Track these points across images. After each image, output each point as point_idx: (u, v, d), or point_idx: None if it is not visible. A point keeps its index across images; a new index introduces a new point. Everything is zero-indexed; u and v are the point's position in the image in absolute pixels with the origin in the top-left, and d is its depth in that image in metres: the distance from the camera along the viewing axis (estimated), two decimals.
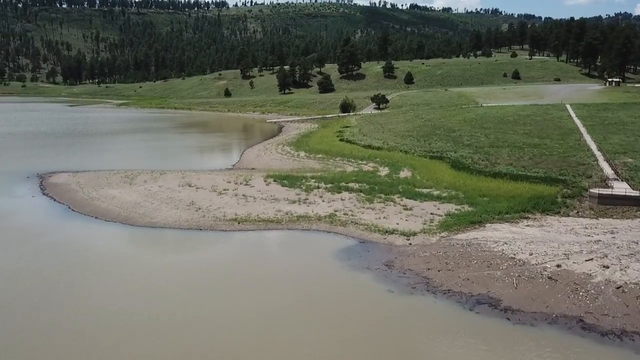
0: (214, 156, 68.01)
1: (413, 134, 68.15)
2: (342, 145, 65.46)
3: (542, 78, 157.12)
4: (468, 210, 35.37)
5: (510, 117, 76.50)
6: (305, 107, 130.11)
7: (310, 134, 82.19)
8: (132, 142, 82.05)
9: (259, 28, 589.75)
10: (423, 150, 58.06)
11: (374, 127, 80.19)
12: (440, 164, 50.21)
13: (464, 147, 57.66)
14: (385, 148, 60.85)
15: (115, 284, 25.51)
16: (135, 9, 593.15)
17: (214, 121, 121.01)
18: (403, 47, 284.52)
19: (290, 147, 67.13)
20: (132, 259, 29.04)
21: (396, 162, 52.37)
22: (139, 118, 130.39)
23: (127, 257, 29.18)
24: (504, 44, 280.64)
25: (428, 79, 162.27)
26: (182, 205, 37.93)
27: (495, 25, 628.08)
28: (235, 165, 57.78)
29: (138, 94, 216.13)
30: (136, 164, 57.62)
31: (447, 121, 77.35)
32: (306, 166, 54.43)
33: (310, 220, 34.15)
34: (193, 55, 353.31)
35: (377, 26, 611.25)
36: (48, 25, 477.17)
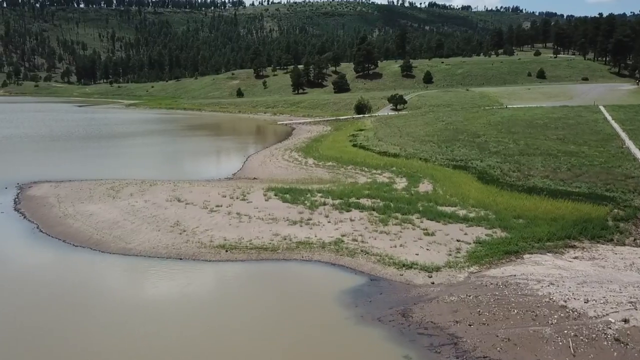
0: (215, 163, 62.84)
1: (433, 139, 62.20)
2: (354, 151, 59.84)
3: (569, 77, 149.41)
4: (501, 237, 29.52)
5: (539, 120, 70.11)
6: (318, 107, 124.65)
7: (321, 137, 76.70)
8: (130, 146, 77.17)
9: (275, 27, 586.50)
10: (445, 158, 52.15)
11: (390, 130, 74.38)
12: (465, 176, 44.28)
13: (491, 155, 51.63)
14: (402, 155, 55.06)
15: (49, 339, 20.25)
16: (152, 8, 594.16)
17: (223, 123, 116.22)
18: (421, 45, 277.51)
19: (298, 154, 61.67)
20: (83, 305, 23.42)
21: (415, 173, 46.57)
22: (145, 119, 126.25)
23: (78, 301, 23.69)
24: (526, 42, 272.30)
25: (448, 79, 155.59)
26: (165, 225, 32.69)
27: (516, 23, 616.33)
28: (236, 174, 52.48)
29: (150, 94, 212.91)
30: (128, 172, 52.72)
31: (470, 124, 71.24)
32: (314, 176, 48.92)
33: (312, 248, 28.62)
34: (208, 54, 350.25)
35: (395, 25, 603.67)
36: (64, 24, 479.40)
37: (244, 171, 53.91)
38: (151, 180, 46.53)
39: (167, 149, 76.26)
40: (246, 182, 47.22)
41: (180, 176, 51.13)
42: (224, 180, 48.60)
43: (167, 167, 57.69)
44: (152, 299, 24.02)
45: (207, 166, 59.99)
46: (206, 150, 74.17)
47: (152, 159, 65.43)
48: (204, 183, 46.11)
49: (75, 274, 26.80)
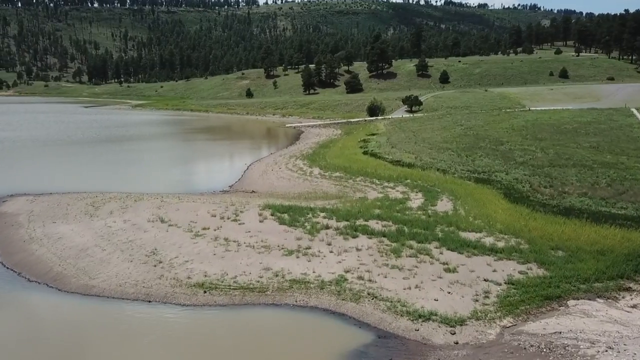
0: (213, 173, 57.58)
1: (452, 146, 56.85)
2: (365, 159, 54.76)
3: (594, 77, 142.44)
4: (538, 275, 24.29)
5: (568, 125, 64.37)
6: (329, 109, 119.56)
7: (330, 143, 71.69)
8: (125, 152, 72.32)
9: (288, 26, 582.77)
10: (466, 169, 46.87)
11: (405, 135, 69.13)
12: (490, 192, 38.97)
13: (517, 165, 46.23)
14: (418, 165, 49.86)
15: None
16: (165, 7, 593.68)
17: (228, 126, 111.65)
18: (437, 44, 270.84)
19: (303, 162, 56.74)
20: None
21: (432, 187, 41.38)
22: (149, 121, 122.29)
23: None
24: (546, 40, 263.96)
25: (465, 78, 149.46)
26: (140, 254, 27.98)
27: (534, 21, 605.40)
28: (234, 186, 47.71)
29: (159, 94, 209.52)
30: (116, 183, 48.46)
31: (491, 129, 65.72)
32: (318, 189, 43.97)
33: (309, 288, 23.67)
34: (220, 53, 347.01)
35: (410, 23, 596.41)
36: (78, 24, 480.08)
37: (242, 182, 49.11)
38: (137, 194, 41.98)
39: (163, 155, 71.42)
40: (242, 196, 42.44)
41: (172, 188, 46.57)
42: (218, 194, 43.86)
43: (159, 178, 52.95)
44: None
45: (203, 176, 54.97)
46: (205, 158, 69.25)
47: (145, 168, 60.51)
48: (196, 197, 41.40)
49: (8, 326, 21.92)
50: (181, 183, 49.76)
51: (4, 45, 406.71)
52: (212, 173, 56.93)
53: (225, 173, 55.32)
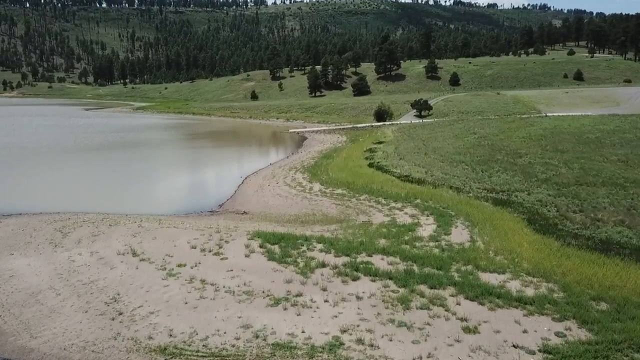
0: (203, 187, 53.02)
1: (466, 158, 52.04)
2: (371, 173, 50.11)
3: (610, 79, 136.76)
4: (580, 339, 19.53)
5: (590, 134, 59.42)
6: (335, 113, 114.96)
7: (333, 152, 67.11)
8: (114, 162, 67.23)
9: (297, 26, 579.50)
10: (482, 187, 42.09)
11: (414, 144, 64.39)
12: (511, 217, 34.19)
13: (539, 183, 41.40)
14: (428, 181, 45.13)
15: None
16: (173, 7, 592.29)
17: (230, 131, 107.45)
18: (447, 44, 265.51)
19: (304, 175, 52.23)
20: None
21: (445, 209, 36.71)
22: (148, 126, 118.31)
23: None
24: (558, 40, 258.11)
25: (476, 80, 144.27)
26: (99, 302, 23.56)
27: (544, 21, 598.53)
28: (224, 205, 43.29)
29: (162, 96, 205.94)
30: (95, 200, 44.24)
31: (507, 138, 60.86)
32: (317, 210, 39.41)
33: (296, 356, 19.09)
34: (227, 54, 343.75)
35: (419, 23, 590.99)
36: (85, 24, 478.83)
37: (234, 200, 44.66)
38: (115, 217, 37.73)
39: (153, 166, 66.75)
40: (232, 218, 38.03)
41: (156, 207, 42.31)
42: (205, 216, 39.49)
43: (144, 194, 48.54)
44: None
45: (193, 192, 50.29)
46: (199, 169, 64.22)
47: (132, 182, 55.65)
48: (179, 221, 37.02)
49: None
50: (167, 201, 45.37)
51: (10, 45, 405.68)
52: (204, 188, 52.32)
53: (218, 188, 50.84)
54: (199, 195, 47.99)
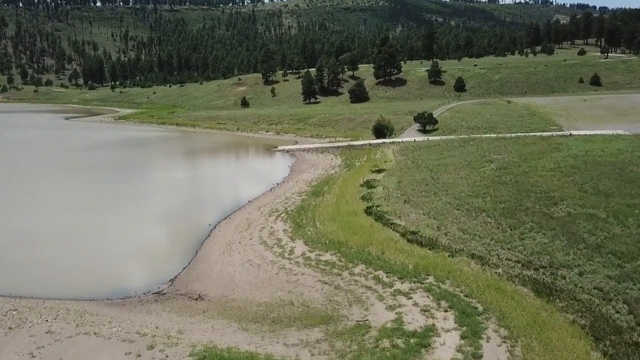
0: (154, 247, 40.53)
1: (486, 203, 41.86)
2: (369, 226, 39.92)
3: (630, 84, 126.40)
4: None
5: (634, 166, 49.26)
6: (329, 125, 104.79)
7: (325, 184, 56.98)
8: (48, 205, 53.37)
9: (294, 24, 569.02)
10: (513, 256, 31.98)
11: (420, 176, 54.23)
12: (565, 323, 24.09)
13: (590, 252, 31.31)
14: (442, 244, 34.99)
15: None
16: (168, 5, 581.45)
17: (211, 149, 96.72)
18: (449, 43, 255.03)
19: (285, 226, 42.14)
20: None
21: (469, 299, 26.90)
22: (122, 141, 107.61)
23: None
24: (565, 38, 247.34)
25: (483, 86, 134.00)
26: None
27: (547, 16, 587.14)
28: (177, 280, 33.22)
29: (150, 101, 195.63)
30: (4, 275, 34.16)
31: (532, 171, 50.74)
32: (297, 294, 29.45)
33: None
34: (222, 54, 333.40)
35: (419, 19, 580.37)
36: (78, 24, 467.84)
37: (191, 271, 34.55)
38: (22, 307, 27.91)
39: (96, 210, 50.95)
40: (179, 311, 28.11)
41: (83, 286, 32.49)
42: (145, 303, 29.58)
43: (70, 262, 36.83)
44: None
45: (139, 257, 38.60)
46: (155, 215, 49.83)
47: (55, 240, 41.52)
48: (108, 314, 27.34)
49: None
50: (102, 275, 34.99)
51: (0, 47, 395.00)
52: (156, 248, 40.30)
53: (176, 247, 40.36)
54: (147, 261, 37.43)
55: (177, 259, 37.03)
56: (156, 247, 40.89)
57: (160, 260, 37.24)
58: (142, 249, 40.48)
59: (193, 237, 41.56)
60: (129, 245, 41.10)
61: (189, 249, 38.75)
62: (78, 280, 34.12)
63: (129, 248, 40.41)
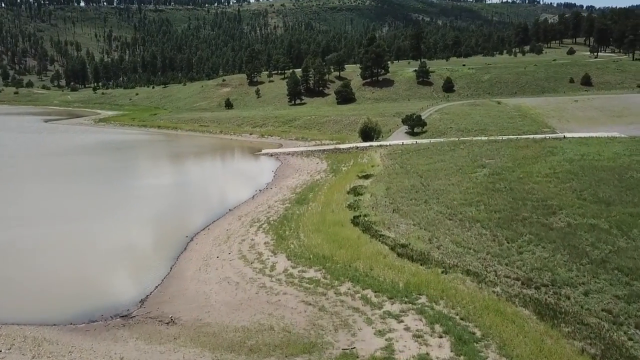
0: (126, 262, 37.32)
1: (480, 213, 39.49)
2: (356, 238, 37.30)
3: (621, 84, 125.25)
4: None
5: (633, 172, 47.37)
6: (315, 127, 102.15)
7: (310, 190, 54.37)
8: (15, 217, 48.88)
9: (280, 23, 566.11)
10: (512, 273, 29.58)
11: (409, 182, 51.80)
12: (574, 355, 21.69)
13: (594, 268, 29.04)
14: (435, 258, 32.51)
15: None
16: (153, 5, 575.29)
17: (192, 152, 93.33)
18: (437, 42, 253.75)
19: (267, 238, 39.43)
20: None
21: (465, 322, 24.48)
22: (99, 145, 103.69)
23: None
24: (554, 37, 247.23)
25: (472, 86, 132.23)
26: None
27: (534, 15, 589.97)
28: (148, 301, 30.38)
29: (132, 103, 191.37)
30: None
31: (527, 177, 48.57)
32: (278, 317, 26.76)
33: None
34: (207, 54, 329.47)
35: (406, 19, 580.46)
36: (62, 24, 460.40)
37: (164, 290, 31.71)
38: None
39: (69, 218, 47.98)
40: (148, 338, 25.37)
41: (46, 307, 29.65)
42: (111, 329, 26.77)
43: (34, 280, 34.15)
44: None
45: (108, 274, 35.55)
46: (130, 224, 46.92)
47: (15, 259, 37.95)
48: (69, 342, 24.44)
49: None
50: (66, 294, 32.17)
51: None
52: (128, 263, 37.27)
53: (148, 261, 37.45)
54: (117, 279, 34.63)
55: (149, 275, 34.20)
56: (128, 262, 37.82)
57: (132, 277, 34.45)
58: (113, 265, 37.36)
59: (168, 251, 38.73)
60: (98, 261, 37.95)
61: (163, 265, 35.95)
62: (40, 301, 31.31)
63: (98, 264, 37.30)
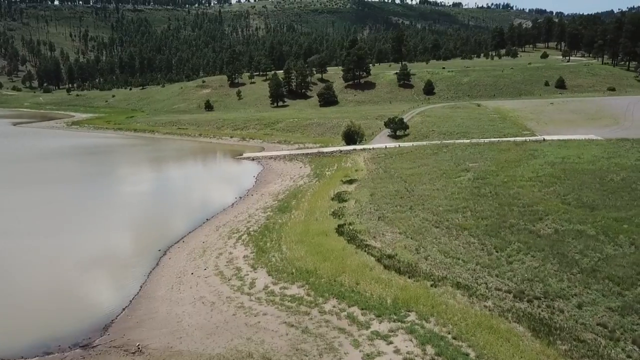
0: (86, 287, 34.03)
1: (467, 219, 38.53)
2: (341, 249, 35.95)
3: (593, 87, 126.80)
4: None
5: (613, 174, 47.17)
6: (298, 130, 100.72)
7: (293, 197, 52.91)
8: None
9: (262, 25, 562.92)
10: (503, 285, 28.61)
11: (393, 187, 50.74)
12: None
13: (585, 277, 28.29)
14: (423, 270, 31.36)
15: None
16: (131, 5, 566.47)
17: (169, 157, 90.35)
18: (416, 46, 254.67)
19: (246, 251, 37.84)
20: None
21: (457, 341, 23.41)
22: (69, 150, 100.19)
23: None
24: (528, 41, 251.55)
25: (453, 89, 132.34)
26: None
27: (507, 20, 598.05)
28: (113, 326, 28.22)
29: (109, 105, 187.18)
30: None
31: (511, 181, 47.94)
32: (257, 342, 25.23)
33: None
34: (187, 55, 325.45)
35: (386, 22, 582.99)
36: (34, 23, 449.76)
37: (129, 316, 29.44)
38: None
39: (21, 235, 44.05)
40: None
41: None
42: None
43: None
44: None
45: (67, 299, 32.34)
46: (93, 242, 42.28)
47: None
48: None
49: None
50: (12, 324, 28.98)
51: None
52: (92, 284, 34.48)
53: (116, 280, 35.05)
54: (80, 301, 31.61)
55: (116, 296, 32.03)
56: (92, 281, 35.05)
57: (96, 298, 32.16)
58: (75, 285, 34.33)
59: (138, 267, 36.58)
60: (58, 280, 34.97)
61: (133, 283, 33.77)
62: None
63: (58, 284, 34.30)
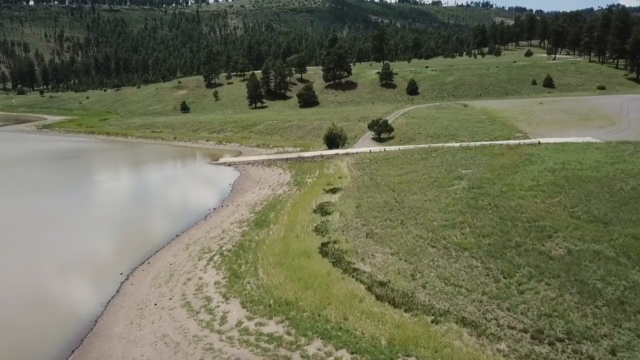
0: (27, 323, 29.32)
1: (466, 237, 34.22)
2: (325, 274, 31.38)
3: (582, 86, 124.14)
4: None
5: (622, 182, 43.43)
6: (277, 133, 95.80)
7: (271, 209, 48.13)
8: None
9: (240, 24, 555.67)
10: (517, 322, 24.28)
11: (381, 197, 46.32)
12: None
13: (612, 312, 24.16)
14: (421, 301, 26.97)
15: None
16: (107, 5, 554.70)
17: (139, 163, 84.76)
18: (397, 44, 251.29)
19: (218, 276, 33.08)
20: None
21: None
22: (41, 154, 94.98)
23: None
24: (510, 39, 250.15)
25: (437, 88, 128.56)
26: None
27: (488, 18, 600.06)
28: None
29: (82, 107, 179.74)
30: None
31: (510, 190, 43.82)
32: None
33: None
34: (164, 55, 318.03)
35: (365, 21, 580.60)
36: (8, 23, 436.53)
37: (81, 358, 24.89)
38: None
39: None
40: None
41: None
42: None
43: None
44: None
45: (17, 335, 28.03)
46: (43, 264, 37.46)
47: None
48: None
49: None
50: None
51: None
52: (35, 319, 29.41)
53: (65, 313, 30.02)
54: (18, 342, 26.92)
55: (65, 334, 27.22)
56: (38, 315, 30.03)
57: (40, 338, 27.26)
58: (16, 320, 29.39)
59: (95, 296, 31.78)
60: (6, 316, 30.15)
61: (86, 317, 29.02)
62: None
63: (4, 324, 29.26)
